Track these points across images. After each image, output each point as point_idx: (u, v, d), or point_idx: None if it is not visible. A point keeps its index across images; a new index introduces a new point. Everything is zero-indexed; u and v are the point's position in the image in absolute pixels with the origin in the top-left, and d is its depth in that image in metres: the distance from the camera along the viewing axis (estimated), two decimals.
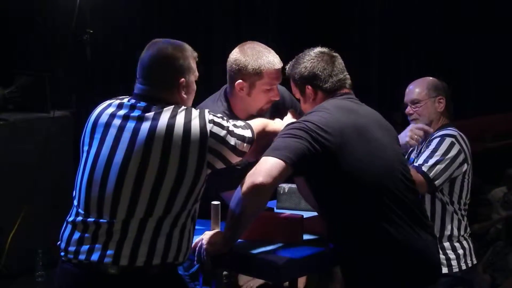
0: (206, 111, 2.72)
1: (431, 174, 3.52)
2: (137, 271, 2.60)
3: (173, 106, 2.69)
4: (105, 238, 2.60)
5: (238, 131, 2.79)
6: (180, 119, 2.64)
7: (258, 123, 2.97)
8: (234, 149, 2.75)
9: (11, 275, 4.79)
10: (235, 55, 3.29)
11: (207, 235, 2.88)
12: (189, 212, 2.68)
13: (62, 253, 2.69)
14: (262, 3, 6.93)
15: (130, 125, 2.66)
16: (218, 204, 3.02)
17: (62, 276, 2.71)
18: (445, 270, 3.59)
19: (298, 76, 3.06)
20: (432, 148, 3.60)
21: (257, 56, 3.24)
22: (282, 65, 3.27)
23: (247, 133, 2.83)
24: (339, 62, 3.07)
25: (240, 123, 2.86)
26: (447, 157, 3.57)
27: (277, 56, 3.29)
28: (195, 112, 2.69)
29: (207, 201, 2.98)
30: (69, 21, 4.66)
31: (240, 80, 3.27)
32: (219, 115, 2.78)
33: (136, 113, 2.68)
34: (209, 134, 2.65)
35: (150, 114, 2.66)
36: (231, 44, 3.43)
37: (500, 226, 6.25)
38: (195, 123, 2.65)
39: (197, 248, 2.84)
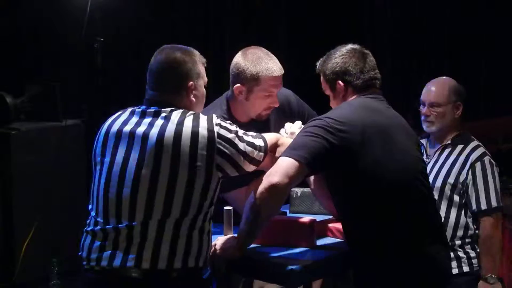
0: (214, 116, 2.74)
1: (497, 205, 3.61)
2: (159, 275, 2.61)
3: (182, 110, 2.72)
4: (126, 242, 2.62)
5: (248, 138, 2.79)
6: (188, 123, 2.66)
7: (271, 136, 2.97)
8: (244, 154, 2.75)
9: (25, 284, 4.80)
10: (237, 58, 3.31)
11: (220, 240, 2.89)
12: (205, 215, 2.69)
13: (84, 262, 2.71)
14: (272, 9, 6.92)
15: (140, 131, 2.69)
16: (230, 209, 3.03)
17: (86, 285, 2.74)
18: (466, 268, 3.61)
19: (329, 71, 3.05)
20: (483, 185, 3.63)
21: (256, 61, 3.24)
22: (282, 72, 3.27)
23: (258, 142, 2.83)
24: (371, 59, 3.06)
25: (251, 132, 2.87)
26: (497, 182, 3.64)
27: (278, 64, 3.28)
28: (202, 117, 2.71)
29: (219, 206, 2.98)
30: (79, 29, 4.67)
31: (238, 84, 3.28)
32: (227, 121, 2.79)
33: (146, 119, 2.72)
34: (216, 136, 2.67)
35: (159, 120, 2.69)
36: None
37: None
38: (203, 127, 2.66)
39: (210, 254, 2.83)
